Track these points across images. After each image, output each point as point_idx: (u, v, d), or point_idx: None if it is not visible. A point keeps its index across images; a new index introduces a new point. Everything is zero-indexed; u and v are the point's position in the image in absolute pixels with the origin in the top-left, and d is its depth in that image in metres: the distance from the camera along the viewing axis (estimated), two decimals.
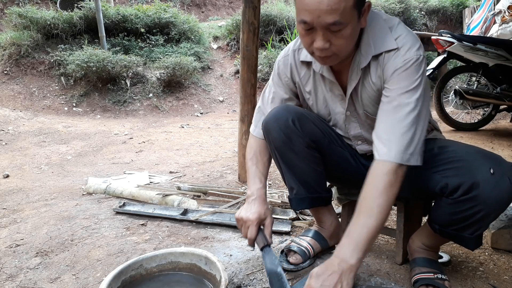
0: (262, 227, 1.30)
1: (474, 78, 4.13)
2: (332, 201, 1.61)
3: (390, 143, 1.07)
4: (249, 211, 1.28)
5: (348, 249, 1.03)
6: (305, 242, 1.45)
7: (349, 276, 1.01)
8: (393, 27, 1.14)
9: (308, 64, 1.29)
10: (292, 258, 1.40)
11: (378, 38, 1.13)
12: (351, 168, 1.37)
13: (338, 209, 1.92)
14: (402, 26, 1.14)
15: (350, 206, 1.58)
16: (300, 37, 1.13)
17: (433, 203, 1.28)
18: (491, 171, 1.06)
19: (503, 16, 5.04)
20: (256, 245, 1.28)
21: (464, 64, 4.27)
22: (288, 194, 1.43)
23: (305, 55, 1.28)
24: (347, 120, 1.30)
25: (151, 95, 6.42)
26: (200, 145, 4.04)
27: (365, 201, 1.07)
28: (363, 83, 1.20)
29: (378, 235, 1.08)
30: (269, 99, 1.41)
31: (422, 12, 8.89)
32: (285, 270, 1.34)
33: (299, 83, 1.34)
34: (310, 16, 1.01)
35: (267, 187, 2.47)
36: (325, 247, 1.47)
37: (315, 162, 1.33)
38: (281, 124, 1.27)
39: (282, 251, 1.44)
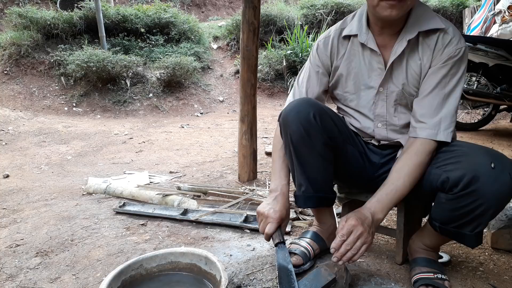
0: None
1: (474, 78, 4.13)
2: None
3: (435, 124, 1.20)
4: (272, 208, 1.29)
5: (379, 205, 1.18)
6: (304, 243, 1.44)
7: (374, 227, 1.17)
8: (441, 17, 1.25)
9: (349, 38, 1.34)
10: (293, 259, 1.38)
11: (425, 17, 1.22)
12: (359, 167, 1.37)
13: (338, 209, 1.92)
14: (447, 20, 1.25)
15: (350, 206, 1.57)
16: None
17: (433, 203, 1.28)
18: (492, 165, 1.07)
19: (503, 16, 5.04)
20: (271, 240, 1.30)
21: None
22: (296, 190, 1.41)
23: (349, 30, 1.33)
24: (377, 96, 1.32)
25: (151, 95, 6.42)
26: (200, 145, 4.04)
27: (400, 171, 1.19)
28: (408, 60, 1.25)
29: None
30: (305, 78, 1.43)
31: None
32: None
33: (335, 63, 1.37)
34: None
35: (267, 187, 2.47)
36: (323, 248, 1.47)
37: (328, 161, 1.32)
38: (301, 118, 1.25)
39: None
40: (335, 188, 1.57)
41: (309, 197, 1.36)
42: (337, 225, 1.51)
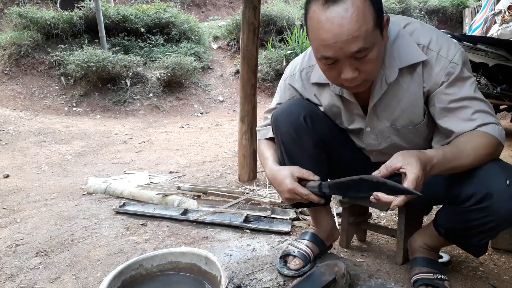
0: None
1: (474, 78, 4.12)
2: (332, 201, 1.59)
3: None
4: (281, 184, 1.14)
5: (441, 162, 0.99)
6: (303, 245, 1.40)
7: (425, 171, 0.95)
8: (418, 35, 1.08)
9: (322, 85, 1.23)
10: (293, 264, 1.35)
11: (403, 51, 1.08)
12: (357, 170, 1.35)
13: (338, 209, 1.92)
14: (427, 30, 1.10)
15: (351, 207, 1.57)
16: (324, 73, 1.06)
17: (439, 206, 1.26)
18: (507, 182, 1.01)
19: (503, 16, 5.04)
20: (317, 194, 1.11)
21: None
22: None
23: (317, 77, 1.20)
24: (366, 135, 1.25)
25: (151, 95, 6.42)
26: (200, 145, 4.04)
27: (459, 147, 1.03)
28: (396, 95, 1.13)
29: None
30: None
31: (422, 12, 8.90)
32: (286, 276, 1.33)
33: (312, 99, 1.29)
34: (331, 51, 0.95)
35: (267, 187, 2.47)
36: (322, 249, 1.44)
37: (321, 162, 1.29)
38: (292, 120, 1.23)
39: (280, 257, 1.40)
40: None
41: None
42: (335, 225, 1.50)
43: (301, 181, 1.14)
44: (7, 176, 3.11)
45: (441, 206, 1.24)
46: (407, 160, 0.95)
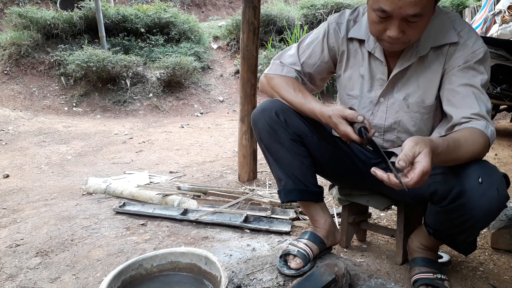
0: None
1: None
2: (330, 200, 1.59)
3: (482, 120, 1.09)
4: (331, 113, 1.13)
5: (437, 159, 0.96)
6: (303, 244, 1.39)
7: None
8: (455, 21, 1.18)
9: (355, 43, 1.27)
10: (293, 263, 1.34)
11: (439, 30, 1.16)
12: (344, 168, 1.35)
13: (338, 209, 1.92)
14: (463, 21, 1.19)
15: (350, 206, 1.57)
16: (370, 24, 1.11)
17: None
18: (480, 180, 1.03)
19: (503, 16, 5.04)
20: (359, 135, 1.10)
21: None
22: (277, 187, 1.40)
23: (356, 33, 1.26)
24: (377, 106, 1.27)
25: (151, 95, 6.42)
26: (200, 145, 4.04)
27: (460, 141, 1.03)
28: (416, 70, 1.20)
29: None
30: (308, 50, 1.33)
31: None
32: (286, 275, 1.33)
33: (341, 53, 1.31)
34: (391, 6, 1.01)
35: (267, 187, 2.47)
36: (322, 249, 1.43)
37: (302, 155, 1.31)
38: (265, 116, 1.29)
39: (280, 256, 1.40)
40: (336, 189, 1.56)
41: (290, 190, 1.35)
42: (333, 223, 1.49)
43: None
44: (7, 176, 3.11)
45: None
46: (420, 149, 0.92)
